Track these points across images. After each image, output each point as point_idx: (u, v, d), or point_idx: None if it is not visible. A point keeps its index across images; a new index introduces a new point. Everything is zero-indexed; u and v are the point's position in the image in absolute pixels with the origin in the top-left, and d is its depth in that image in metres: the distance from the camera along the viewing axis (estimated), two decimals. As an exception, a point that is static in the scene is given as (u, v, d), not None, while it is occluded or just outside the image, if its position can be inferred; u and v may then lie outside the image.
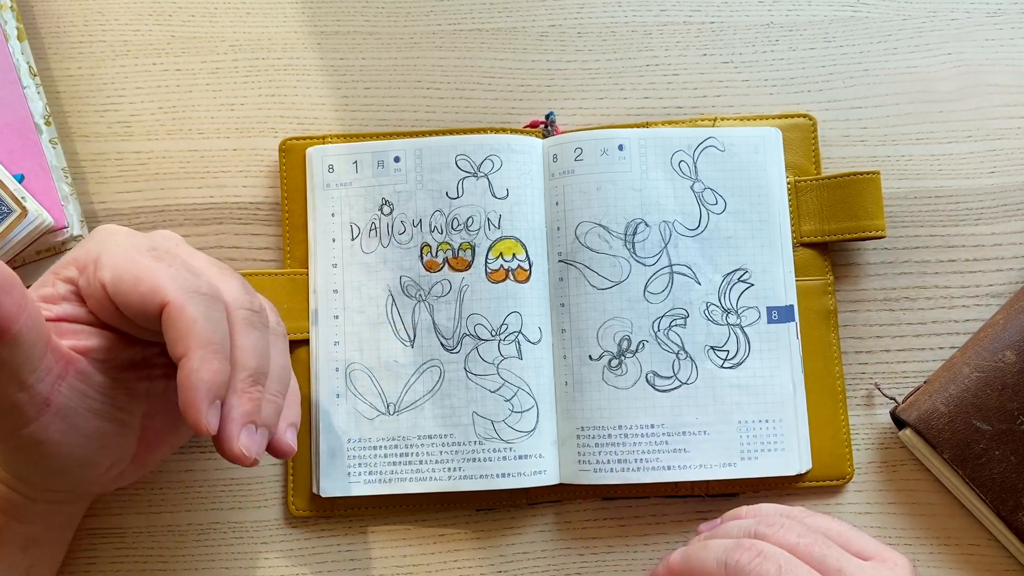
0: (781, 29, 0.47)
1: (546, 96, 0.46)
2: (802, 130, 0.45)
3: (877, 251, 0.45)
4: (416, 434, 0.42)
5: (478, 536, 0.43)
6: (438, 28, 0.47)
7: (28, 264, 0.42)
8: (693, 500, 0.43)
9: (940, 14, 0.47)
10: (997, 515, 0.40)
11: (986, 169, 0.45)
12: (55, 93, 0.46)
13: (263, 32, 0.47)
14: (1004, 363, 0.40)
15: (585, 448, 0.41)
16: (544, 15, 0.47)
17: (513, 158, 0.43)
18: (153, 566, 0.42)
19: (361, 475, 0.42)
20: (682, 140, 0.43)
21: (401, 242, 0.43)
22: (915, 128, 0.46)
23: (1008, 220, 0.45)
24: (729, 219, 0.43)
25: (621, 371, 0.42)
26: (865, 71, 0.46)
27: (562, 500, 0.43)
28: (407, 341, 0.42)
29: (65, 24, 0.46)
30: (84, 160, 0.45)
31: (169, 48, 0.46)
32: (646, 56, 0.47)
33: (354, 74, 0.46)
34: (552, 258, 0.43)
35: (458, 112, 0.46)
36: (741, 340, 0.42)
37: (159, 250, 0.33)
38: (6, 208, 0.40)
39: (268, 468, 0.43)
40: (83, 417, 0.33)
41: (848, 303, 0.44)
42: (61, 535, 0.39)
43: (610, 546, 0.43)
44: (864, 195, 0.43)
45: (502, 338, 0.42)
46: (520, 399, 0.42)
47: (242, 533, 0.43)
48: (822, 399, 0.43)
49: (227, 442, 0.32)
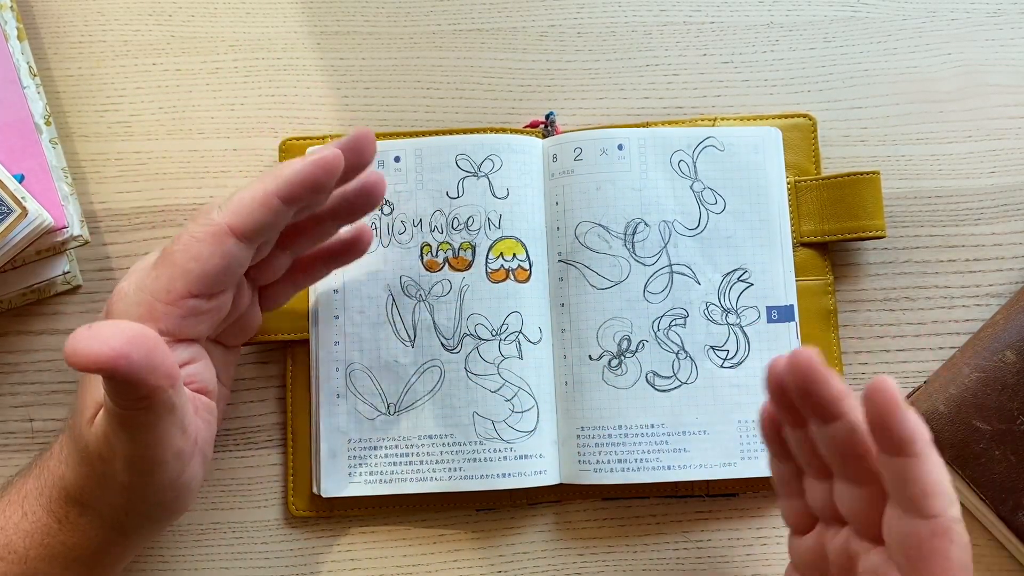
0: (781, 29, 0.47)
1: (546, 96, 0.46)
2: (802, 130, 0.45)
3: (877, 251, 0.45)
4: (416, 434, 0.42)
5: (478, 536, 0.43)
6: (438, 28, 0.47)
7: (28, 264, 0.42)
8: (693, 500, 0.43)
9: (940, 14, 0.47)
10: (997, 515, 0.40)
11: (986, 169, 0.45)
12: (55, 93, 0.46)
13: (263, 32, 0.47)
14: (1004, 363, 0.40)
15: (585, 448, 0.41)
16: (544, 15, 0.47)
17: (513, 158, 0.43)
18: (153, 566, 0.42)
19: (361, 475, 0.42)
20: (682, 140, 0.43)
21: (401, 242, 0.43)
22: (915, 128, 0.46)
23: (1008, 220, 0.45)
24: (729, 219, 0.43)
25: (621, 371, 0.42)
26: (865, 71, 0.46)
27: (562, 500, 0.43)
28: (407, 341, 0.42)
29: (65, 24, 0.46)
30: (84, 160, 0.45)
31: (169, 48, 0.46)
32: (646, 56, 0.47)
33: (354, 74, 0.46)
34: (552, 258, 0.43)
35: (458, 112, 0.46)
36: (741, 340, 0.42)
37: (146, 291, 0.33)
38: (6, 208, 0.40)
39: (268, 468, 0.43)
40: (209, 444, 0.35)
41: (848, 303, 0.44)
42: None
43: (610, 546, 0.43)
44: (864, 195, 0.43)
45: (502, 338, 0.42)
46: (520, 399, 0.42)
47: (242, 533, 0.43)
48: (822, 399, 0.43)
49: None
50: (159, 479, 0.33)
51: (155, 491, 0.33)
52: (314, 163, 0.32)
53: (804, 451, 0.31)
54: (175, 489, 0.34)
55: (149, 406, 0.30)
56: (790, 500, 0.34)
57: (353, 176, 0.35)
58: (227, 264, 0.33)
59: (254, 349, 0.44)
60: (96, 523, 0.34)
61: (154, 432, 0.31)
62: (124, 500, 0.33)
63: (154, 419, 0.30)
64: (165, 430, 0.31)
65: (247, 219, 0.32)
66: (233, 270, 0.33)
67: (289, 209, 0.33)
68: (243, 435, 0.43)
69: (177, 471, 0.33)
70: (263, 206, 0.32)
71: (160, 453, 0.32)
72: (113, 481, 0.33)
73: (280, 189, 0.32)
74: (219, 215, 0.33)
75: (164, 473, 0.32)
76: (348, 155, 0.34)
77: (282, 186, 0.32)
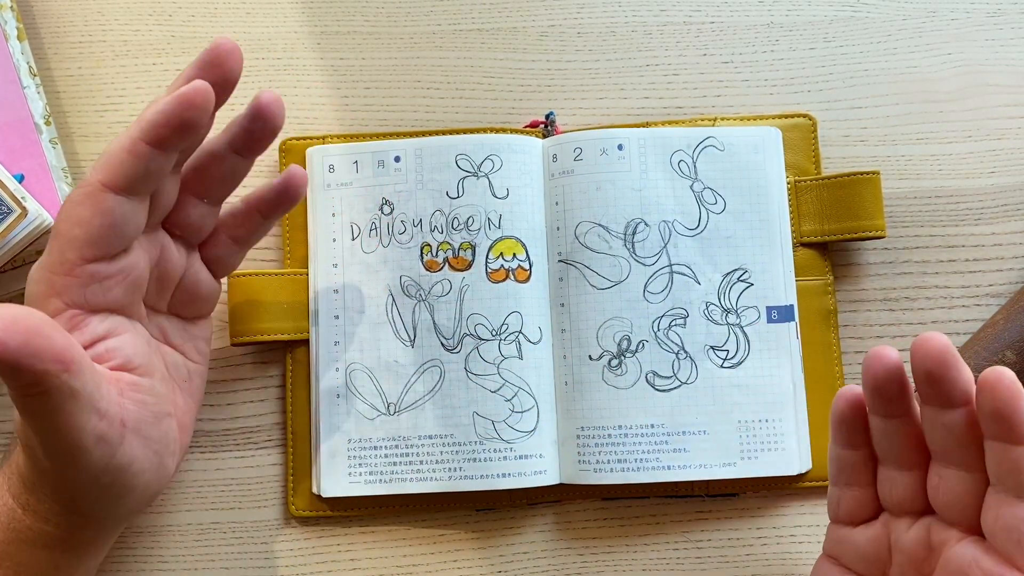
0: (781, 29, 0.47)
1: (546, 96, 0.46)
2: (802, 130, 0.45)
3: (877, 251, 0.45)
4: (416, 434, 0.42)
5: (478, 536, 0.43)
6: (438, 28, 0.47)
7: (28, 264, 0.42)
8: (693, 500, 0.43)
9: (940, 14, 0.47)
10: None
11: (986, 169, 0.45)
12: (55, 93, 0.46)
13: (263, 32, 0.47)
14: (1004, 363, 0.40)
15: (585, 448, 0.41)
16: (544, 15, 0.47)
17: (513, 158, 0.43)
18: (153, 566, 0.42)
19: (361, 475, 0.42)
20: (682, 140, 0.43)
21: (401, 242, 0.43)
22: (915, 128, 0.46)
23: (1008, 220, 0.45)
24: (729, 219, 0.43)
25: (621, 371, 0.42)
26: (865, 71, 0.46)
27: (562, 500, 0.43)
28: (407, 341, 0.42)
29: (65, 24, 0.46)
30: (84, 160, 0.45)
31: (169, 48, 0.46)
32: (646, 56, 0.47)
33: (354, 74, 0.46)
34: (552, 258, 0.43)
35: (458, 112, 0.46)
36: (741, 340, 0.42)
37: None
38: (6, 208, 0.40)
39: (268, 468, 0.43)
40: (150, 424, 0.33)
41: (848, 303, 0.44)
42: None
43: (610, 546, 0.43)
44: (864, 195, 0.43)
45: (502, 338, 0.42)
46: (520, 399, 0.42)
47: (242, 533, 0.43)
48: (822, 399, 0.43)
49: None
50: (85, 464, 0.31)
51: (88, 477, 0.32)
52: (174, 99, 0.31)
53: (895, 441, 0.31)
54: (112, 473, 0.32)
55: (43, 392, 0.29)
56: (850, 489, 0.33)
57: (225, 96, 0.33)
58: (111, 222, 0.32)
59: (254, 349, 0.44)
60: (55, 508, 0.34)
61: (57, 418, 0.30)
62: (64, 486, 0.33)
63: (54, 406, 0.29)
64: (70, 416, 0.30)
65: (118, 171, 0.31)
66: (121, 227, 0.32)
67: (163, 153, 0.32)
68: (243, 435, 0.43)
69: (105, 456, 0.31)
70: (131, 154, 0.31)
71: (74, 439, 0.30)
72: (44, 466, 0.32)
73: (145, 133, 0.31)
74: (92, 174, 0.32)
75: (87, 459, 0.31)
76: (207, 73, 0.32)
77: (146, 129, 0.31)
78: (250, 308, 0.42)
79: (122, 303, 0.34)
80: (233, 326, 0.42)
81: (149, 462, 0.34)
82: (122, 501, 0.34)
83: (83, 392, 0.30)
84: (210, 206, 0.37)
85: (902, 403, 0.30)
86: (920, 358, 0.28)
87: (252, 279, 0.42)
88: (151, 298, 0.37)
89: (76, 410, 0.30)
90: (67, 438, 0.30)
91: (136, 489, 0.34)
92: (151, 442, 0.34)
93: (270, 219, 0.39)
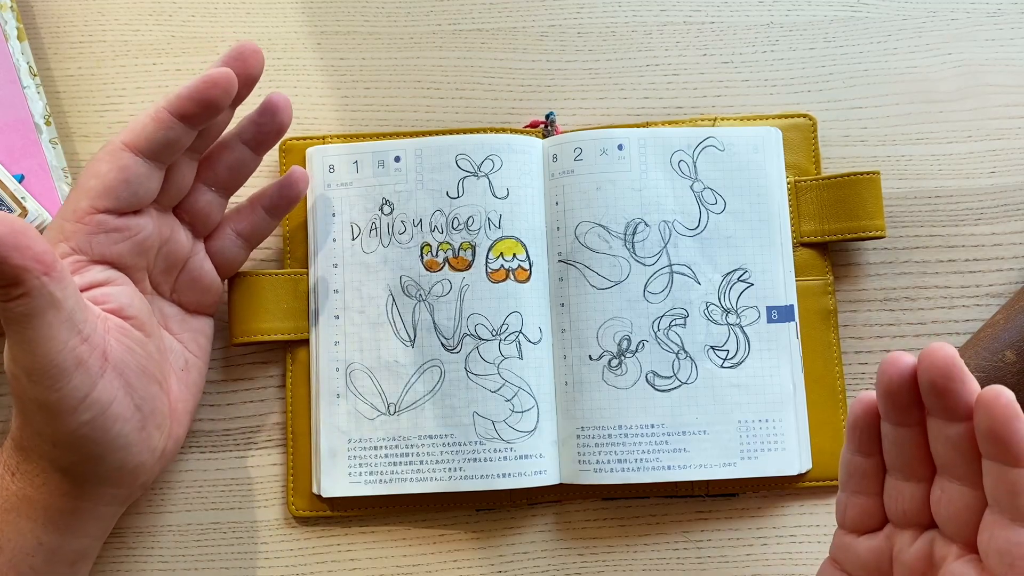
0: (781, 29, 0.47)
1: (546, 96, 0.46)
2: (802, 130, 0.45)
3: (877, 251, 0.45)
4: (416, 434, 0.42)
5: (478, 536, 0.43)
6: (438, 28, 0.47)
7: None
8: (693, 500, 0.43)
9: (940, 14, 0.47)
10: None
11: (986, 169, 0.45)
12: (55, 93, 0.46)
13: (263, 32, 0.47)
14: (1004, 363, 0.40)
15: (585, 448, 0.41)
16: (544, 15, 0.47)
17: (513, 158, 0.43)
18: (153, 566, 0.42)
19: (361, 475, 0.42)
20: (682, 140, 0.43)
21: (401, 242, 0.43)
22: (915, 128, 0.46)
23: (1008, 220, 0.45)
24: (729, 219, 0.43)
25: (621, 371, 0.42)
26: (865, 71, 0.46)
27: (562, 500, 0.43)
28: (407, 341, 0.42)
29: (65, 24, 0.46)
30: (84, 160, 0.45)
31: (169, 48, 0.46)
32: (646, 56, 0.47)
33: (354, 74, 0.46)
34: (552, 258, 0.43)
35: (458, 112, 0.46)
36: (741, 340, 0.42)
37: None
38: (6, 208, 0.40)
39: (268, 468, 0.43)
40: (134, 373, 0.35)
41: (848, 303, 0.44)
42: (98, 546, 0.39)
43: (610, 546, 0.43)
44: (864, 195, 0.43)
45: (503, 338, 0.42)
46: (520, 399, 0.42)
47: (242, 533, 0.43)
48: (822, 399, 0.43)
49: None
50: (67, 392, 0.32)
51: (68, 407, 0.33)
52: (202, 79, 0.35)
53: (904, 450, 0.30)
54: (91, 409, 0.33)
55: (25, 294, 0.30)
56: (858, 497, 0.33)
57: (245, 91, 0.37)
58: (125, 177, 0.35)
59: (254, 349, 0.44)
60: (43, 467, 0.35)
61: (40, 328, 0.31)
62: (47, 428, 0.33)
63: (36, 310, 0.31)
64: (51, 327, 0.31)
65: (139, 133, 0.35)
66: (134, 185, 0.35)
67: (185, 126, 0.35)
68: (243, 435, 0.43)
69: (84, 385, 0.33)
70: (154, 120, 0.35)
71: (53, 353, 0.32)
72: (30, 403, 0.33)
73: (170, 103, 0.35)
74: (116, 137, 0.35)
75: (68, 383, 0.32)
76: (234, 66, 0.36)
77: (172, 100, 0.35)
78: (250, 308, 0.42)
79: (126, 261, 0.36)
80: (233, 326, 0.42)
81: (130, 413, 0.35)
82: (103, 461, 0.35)
83: (64, 304, 0.32)
84: (218, 196, 0.40)
85: (914, 412, 0.30)
86: (925, 368, 0.28)
87: (252, 279, 0.43)
88: (156, 277, 0.39)
89: (57, 321, 0.31)
90: (49, 353, 0.32)
91: (117, 448, 0.35)
92: (133, 391, 0.35)
93: (272, 216, 0.41)
